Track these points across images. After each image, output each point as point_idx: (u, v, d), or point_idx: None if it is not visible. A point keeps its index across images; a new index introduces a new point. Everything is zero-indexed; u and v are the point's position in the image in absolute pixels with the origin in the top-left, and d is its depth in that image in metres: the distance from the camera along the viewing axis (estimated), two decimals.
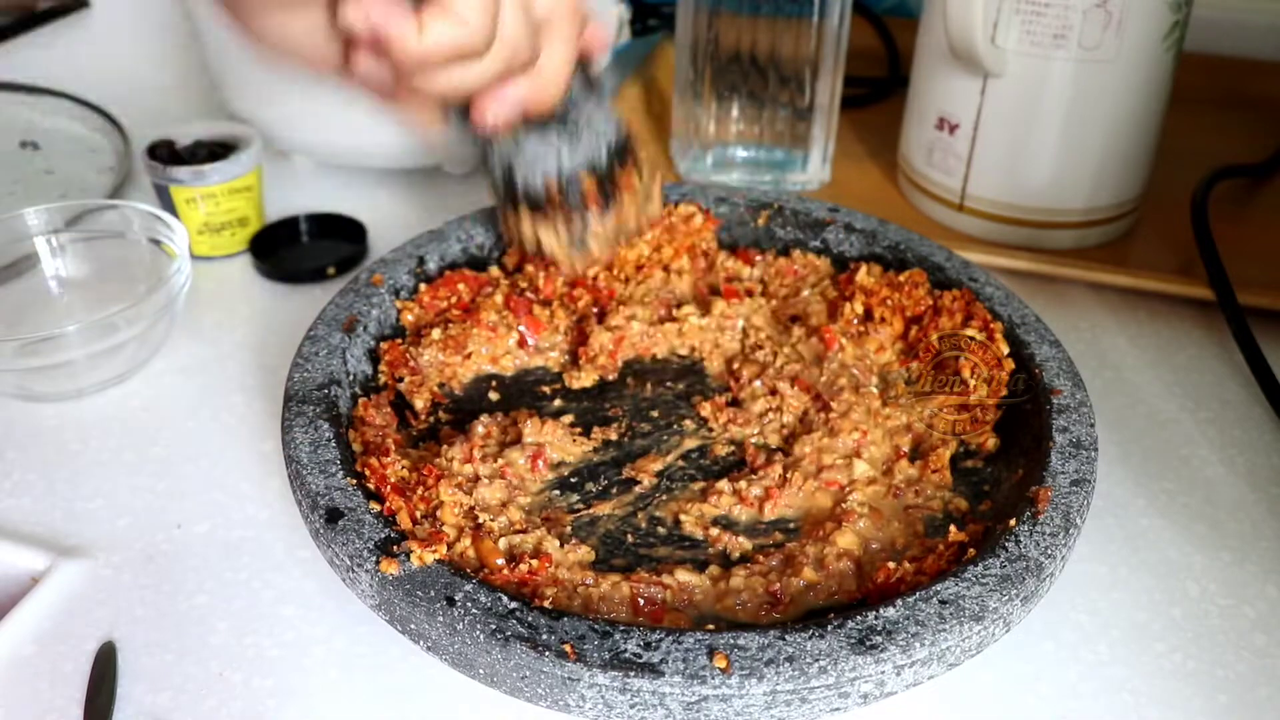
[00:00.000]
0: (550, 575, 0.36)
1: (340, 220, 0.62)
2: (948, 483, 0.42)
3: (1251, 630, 0.40)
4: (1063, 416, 0.40)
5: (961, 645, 0.33)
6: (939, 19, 0.56)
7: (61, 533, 0.43)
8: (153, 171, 0.58)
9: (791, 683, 0.31)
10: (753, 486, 0.41)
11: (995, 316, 0.46)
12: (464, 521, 0.38)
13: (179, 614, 0.40)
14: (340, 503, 0.36)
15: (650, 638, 0.32)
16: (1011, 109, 0.57)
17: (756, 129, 0.65)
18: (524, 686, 0.32)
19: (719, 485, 0.41)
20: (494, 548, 0.37)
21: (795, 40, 0.61)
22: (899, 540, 0.39)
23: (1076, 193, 0.59)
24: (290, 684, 0.37)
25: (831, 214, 0.53)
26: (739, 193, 0.54)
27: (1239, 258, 0.55)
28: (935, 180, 0.62)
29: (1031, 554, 0.35)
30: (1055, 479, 0.38)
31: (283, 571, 0.41)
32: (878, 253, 0.51)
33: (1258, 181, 0.68)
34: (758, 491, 0.41)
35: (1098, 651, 0.39)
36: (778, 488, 0.41)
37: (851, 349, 0.47)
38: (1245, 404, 0.50)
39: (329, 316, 0.45)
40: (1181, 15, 0.55)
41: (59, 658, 0.38)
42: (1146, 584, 0.41)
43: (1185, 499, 0.45)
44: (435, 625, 0.32)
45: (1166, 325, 0.56)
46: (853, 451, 0.43)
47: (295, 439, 0.39)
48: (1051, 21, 0.54)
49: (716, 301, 0.50)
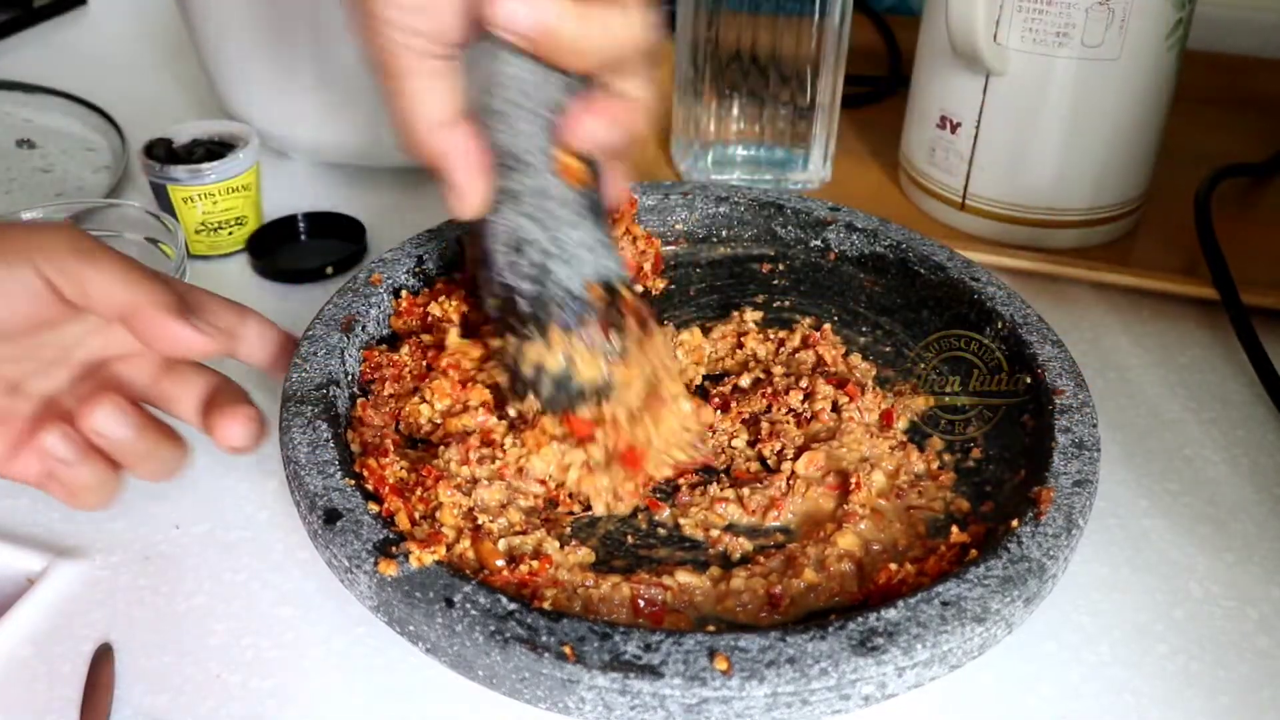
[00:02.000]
0: (550, 576, 0.36)
1: (338, 219, 0.62)
2: (949, 483, 0.42)
3: (1255, 632, 0.39)
4: (1065, 417, 0.40)
5: (963, 647, 0.32)
6: (941, 17, 0.56)
7: (58, 533, 0.43)
8: (150, 170, 0.58)
9: (792, 684, 0.30)
10: (755, 495, 0.41)
11: (997, 316, 0.46)
12: (463, 523, 0.37)
13: (177, 615, 0.40)
14: (339, 503, 0.36)
15: (650, 639, 0.31)
16: (1014, 107, 0.57)
17: (757, 128, 0.65)
18: (523, 688, 0.32)
19: (724, 493, 0.41)
20: (494, 549, 0.36)
21: (796, 38, 0.61)
22: (900, 541, 0.39)
23: (1079, 192, 0.59)
24: (289, 686, 0.37)
25: (833, 213, 0.53)
26: (739, 191, 0.54)
27: (1242, 257, 0.55)
28: (937, 179, 0.62)
29: (1034, 555, 0.34)
30: (1058, 479, 0.37)
31: (281, 572, 0.41)
32: (879, 252, 0.51)
33: (1261, 180, 0.68)
34: (761, 500, 0.41)
35: (1100, 653, 0.39)
36: (782, 497, 0.41)
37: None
38: (1249, 404, 0.50)
39: (327, 316, 0.45)
40: (1185, 13, 0.55)
41: (56, 659, 0.38)
42: (1149, 585, 0.41)
43: (1188, 500, 0.45)
44: (434, 626, 0.32)
45: (1170, 325, 0.55)
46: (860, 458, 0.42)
47: (293, 439, 0.38)
48: (1054, 20, 0.54)
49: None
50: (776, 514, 0.40)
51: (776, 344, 0.48)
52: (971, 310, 0.47)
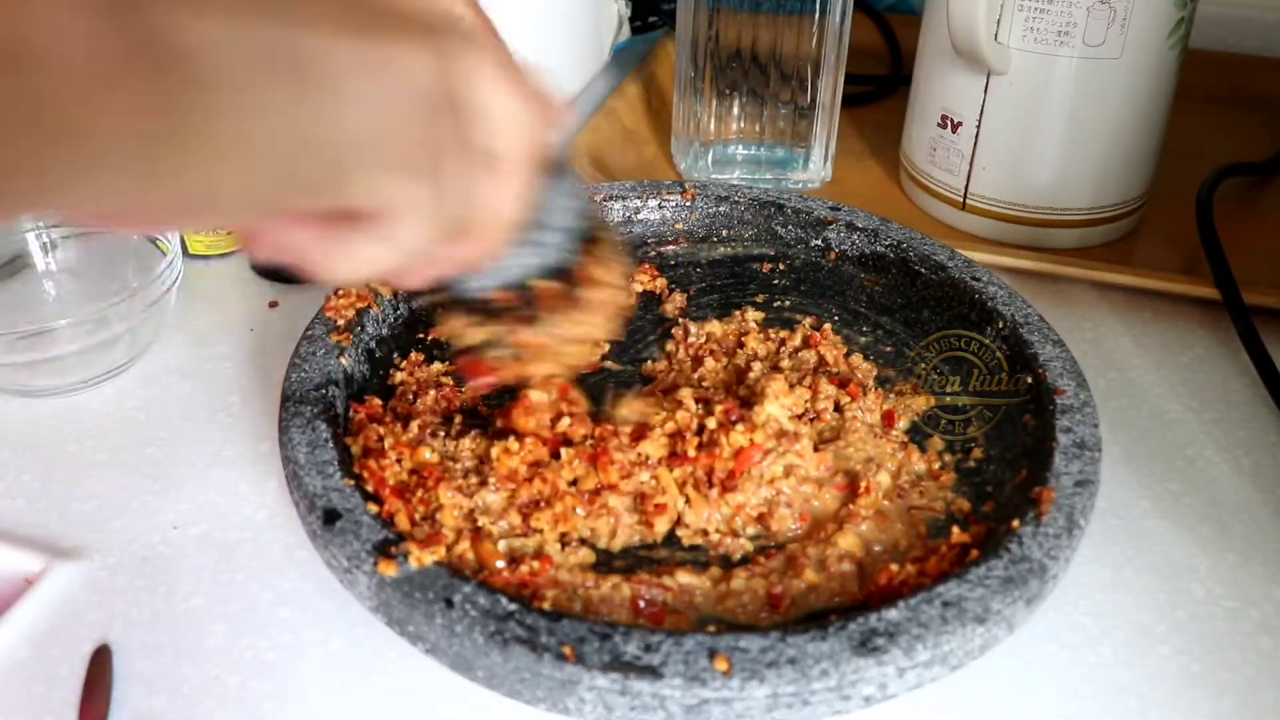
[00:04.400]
0: (551, 577, 0.36)
1: None
2: (950, 483, 0.41)
3: (1257, 633, 0.39)
4: (1066, 417, 0.40)
5: (964, 647, 0.32)
6: (942, 16, 0.56)
7: (56, 534, 0.43)
8: None
9: (793, 685, 0.30)
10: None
11: (998, 316, 0.45)
12: (464, 524, 0.37)
13: (175, 616, 0.39)
14: (338, 504, 0.36)
15: (650, 640, 0.31)
16: (1015, 107, 0.57)
17: (757, 127, 0.65)
18: (523, 689, 0.32)
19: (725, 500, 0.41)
20: (494, 550, 0.36)
21: (797, 37, 0.61)
22: (901, 541, 0.39)
23: (1080, 191, 0.58)
24: (288, 687, 0.37)
25: (833, 212, 0.52)
26: (740, 191, 0.54)
27: (1244, 256, 0.55)
28: (938, 178, 0.62)
29: (1035, 555, 0.34)
30: (1059, 480, 0.37)
31: (280, 573, 0.41)
32: (879, 251, 0.51)
33: (1263, 180, 0.68)
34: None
35: (1101, 654, 0.38)
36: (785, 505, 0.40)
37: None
38: (1251, 404, 0.50)
39: (326, 316, 0.45)
40: (1186, 12, 0.54)
41: (54, 660, 0.38)
42: (1150, 586, 0.41)
43: (1190, 500, 0.45)
44: (434, 627, 0.32)
45: (1171, 325, 0.55)
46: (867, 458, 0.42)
47: (292, 439, 0.38)
48: (1055, 18, 0.53)
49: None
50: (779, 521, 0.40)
51: (777, 344, 0.48)
52: (972, 310, 0.47)
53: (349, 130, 0.25)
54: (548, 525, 0.38)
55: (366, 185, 0.26)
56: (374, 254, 0.28)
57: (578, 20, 0.65)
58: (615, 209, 0.54)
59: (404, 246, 0.28)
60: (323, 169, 0.25)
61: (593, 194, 0.44)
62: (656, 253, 0.54)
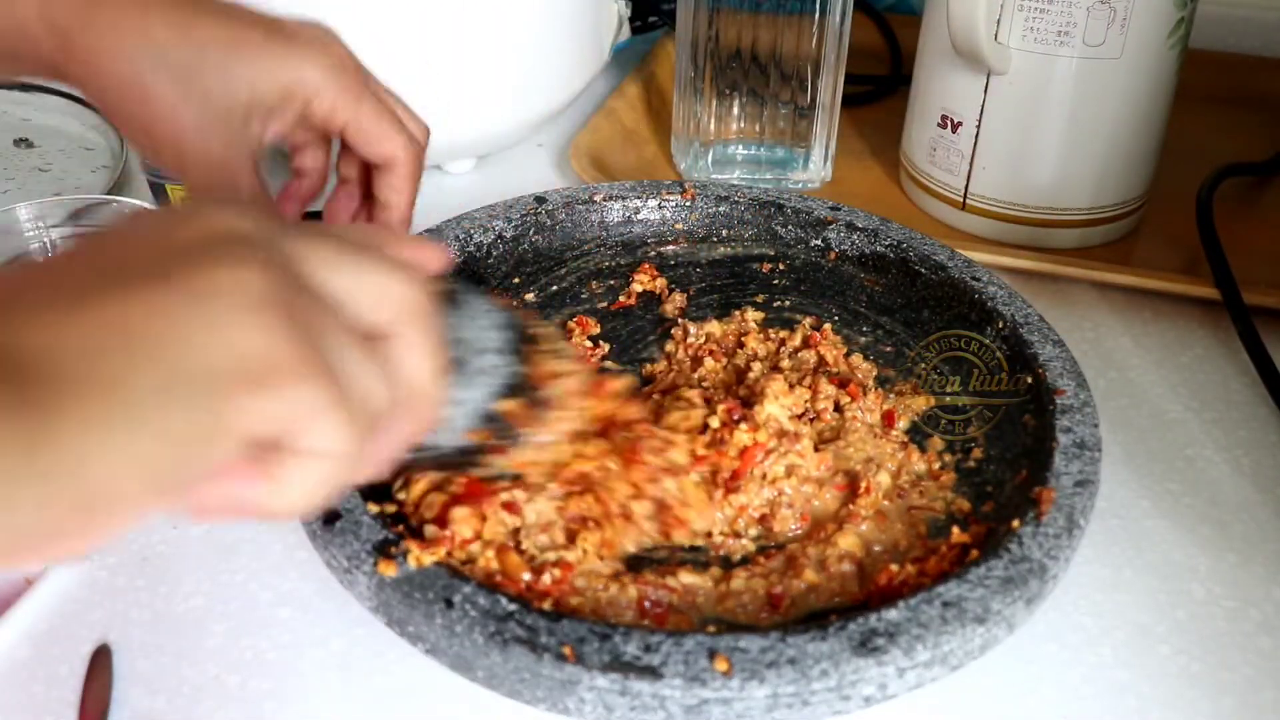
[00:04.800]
0: (572, 585, 0.36)
1: None
2: (950, 483, 0.41)
3: (1257, 633, 0.39)
4: (1066, 417, 0.40)
5: (964, 647, 0.32)
6: (942, 16, 0.56)
7: None
8: (148, 168, 0.57)
9: (793, 685, 0.30)
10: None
11: (998, 316, 0.45)
12: (504, 538, 0.37)
13: (175, 616, 0.39)
14: (338, 504, 0.36)
15: (650, 640, 0.31)
16: (1015, 107, 0.57)
17: (757, 127, 0.65)
18: (523, 689, 0.32)
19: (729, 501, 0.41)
20: (519, 562, 0.36)
21: (797, 37, 0.61)
22: (901, 541, 0.39)
23: (1080, 191, 0.58)
24: (288, 687, 0.37)
25: (833, 212, 0.52)
26: (739, 191, 0.54)
27: (1244, 256, 0.55)
28: (938, 178, 0.62)
29: (1035, 555, 0.34)
30: (1059, 480, 0.37)
31: (280, 573, 0.41)
32: (879, 251, 0.51)
33: (1263, 179, 0.67)
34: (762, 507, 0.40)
35: (1101, 654, 0.38)
36: (787, 507, 0.40)
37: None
38: (1251, 404, 0.50)
39: None
40: (1186, 12, 0.54)
41: (54, 660, 0.38)
42: (1150, 586, 0.41)
43: (1190, 500, 0.45)
44: (434, 627, 0.32)
45: (1171, 325, 0.55)
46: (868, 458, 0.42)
47: None
48: (1055, 18, 0.53)
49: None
50: (780, 523, 0.40)
51: (777, 344, 0.48)
52: (972, 310, 0.47)
53: (207, 367, 0.23)
54: (593, 546, 0.37)
55: (253, 412, 0.23)
56: (311, 471, 0.25)
57: (578, 20, 0.65)
58: (615, 209, 0.54)
59: (336, 450, 0.25)
60: (199, 416, 0.23)
61: (502, 300, 0.42)
62: (656, 253, 0.54)
